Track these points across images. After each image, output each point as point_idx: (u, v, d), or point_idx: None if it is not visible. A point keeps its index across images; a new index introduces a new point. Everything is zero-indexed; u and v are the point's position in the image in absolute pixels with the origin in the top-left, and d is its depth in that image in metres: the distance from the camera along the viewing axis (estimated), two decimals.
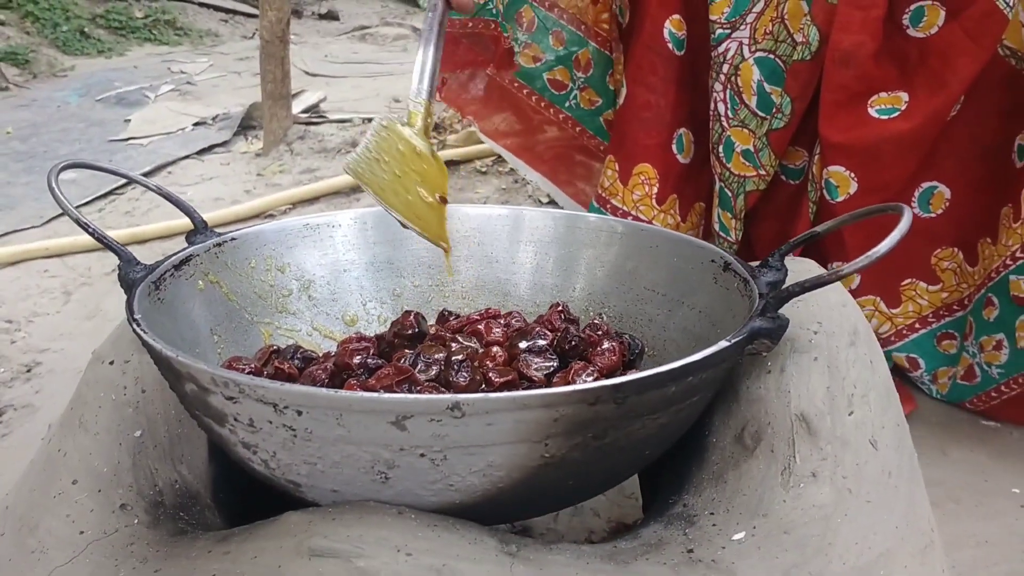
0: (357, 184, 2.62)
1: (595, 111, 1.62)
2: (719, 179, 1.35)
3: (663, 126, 1.41)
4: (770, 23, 1.25)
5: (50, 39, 4.92)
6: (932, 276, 1.32)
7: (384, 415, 0.54)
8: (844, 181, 1.23)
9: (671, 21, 1.36)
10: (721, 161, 1.34)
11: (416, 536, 0.57)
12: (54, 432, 0.78)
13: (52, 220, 2.45)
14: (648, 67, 1.39)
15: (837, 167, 1.23)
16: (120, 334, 0.81)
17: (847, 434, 0.69)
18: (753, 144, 1.30)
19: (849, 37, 1.17)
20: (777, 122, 1.27)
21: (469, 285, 0.96)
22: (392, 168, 0.81)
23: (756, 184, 1.32)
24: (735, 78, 1.29)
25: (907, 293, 1.33)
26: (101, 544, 0.67)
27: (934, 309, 1.33)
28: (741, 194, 1.33)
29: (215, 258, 0.84)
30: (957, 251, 1.30)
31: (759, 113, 1.29)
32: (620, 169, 1.44)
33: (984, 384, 1.29)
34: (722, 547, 0.63)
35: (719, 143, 1.33)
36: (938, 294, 1.32)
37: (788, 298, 0.66)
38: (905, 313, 1.34)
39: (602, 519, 1.12)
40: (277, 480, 0.63)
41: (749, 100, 1.29)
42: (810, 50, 1.21)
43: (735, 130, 1.31)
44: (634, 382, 0.57)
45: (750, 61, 1.28)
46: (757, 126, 1.29)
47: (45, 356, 1.68)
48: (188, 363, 0.59)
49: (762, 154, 1.29)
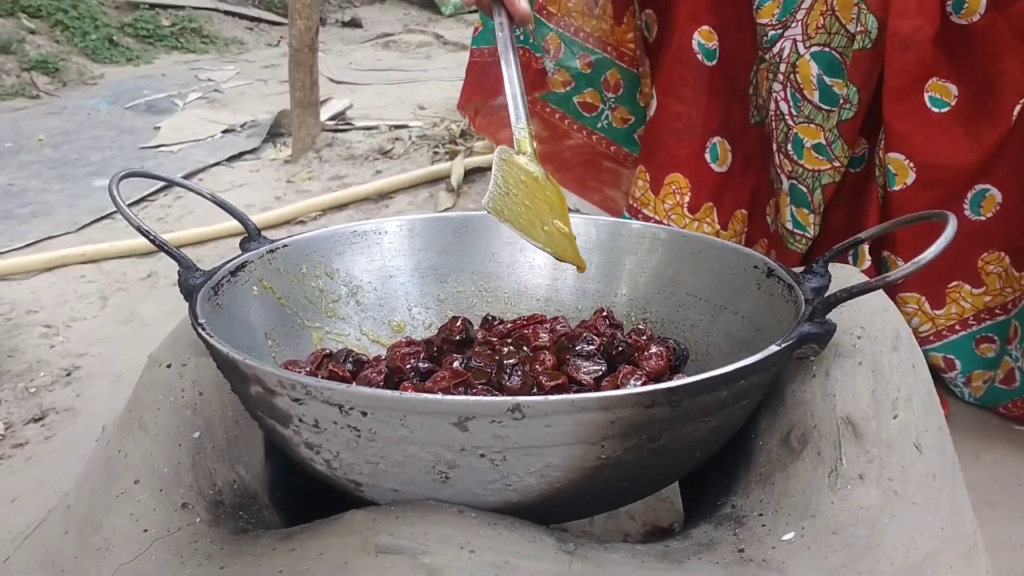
0: (386, 192, 2.63)
1: (629, 128, 1.64)
2: (789, 177, 1.35)
3: (695, 136, 1.43)
4: (821, 17, 1.26)
5: (80, 47, 4.98)
6: (977, 279, 1.32)
7: (447, 416, 0.56)
8: (902, 169, 1.24)
9: (700, 32, 1.37)
10: (792, 159, 1.34)
11: (478, 534, 0.58)
12: (112, 434, 0.80)
13: (86, 226, 2.48)
14: (678, 79, 1.40)
15: (897, 154, 1.24)
16: (177, 337, 0.83)
17: (892, 437, 0.70)
18: (824, 137, 1.31)
19: (907, 22, 1.18)
20: (846, 112, 1.28)
21: (512, 291, 0.98)
22: (522, 199, 0.83)
23: (832, 176, 1.33)
24: (794, 76, 1.30)
25: (952, 295, 1.33)
26: (165, 542, 0.69)
27: (975, 312, 1.33)
28: (817, 188, 1.34)
29: (268, 264, 0.86)
30: (1004, 256, 1.30)
31: (823, 107, 1.29)
32: (651, 179, 1.45)
33: (1021, 390, 1.29)
34: (772, 547, 0.64)
35: (786, 142, 1.34)
36: (981, 297, 1.32)
37: (836, 303, 0.67)
38: (948, 315, 1.34)
39: (637, 522, 1.13)
40: (338, 480, 0.64)
41: (811, 95, 1.30)
42: (870, 38, 1.22)
43: (801, 127, 1.32)
44: (689, 386, 0.58)
45: (806, 57, 1.28)
46: (824, 119, 1.30)
47: (84, 360, 1.71)
48: (256, 366, 0.61)
49: (835, 146, 1.30)
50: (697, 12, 1.37)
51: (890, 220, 1.29)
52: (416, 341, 0.84)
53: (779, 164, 1.36)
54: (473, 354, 0.76)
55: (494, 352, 0.76)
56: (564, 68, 1.61)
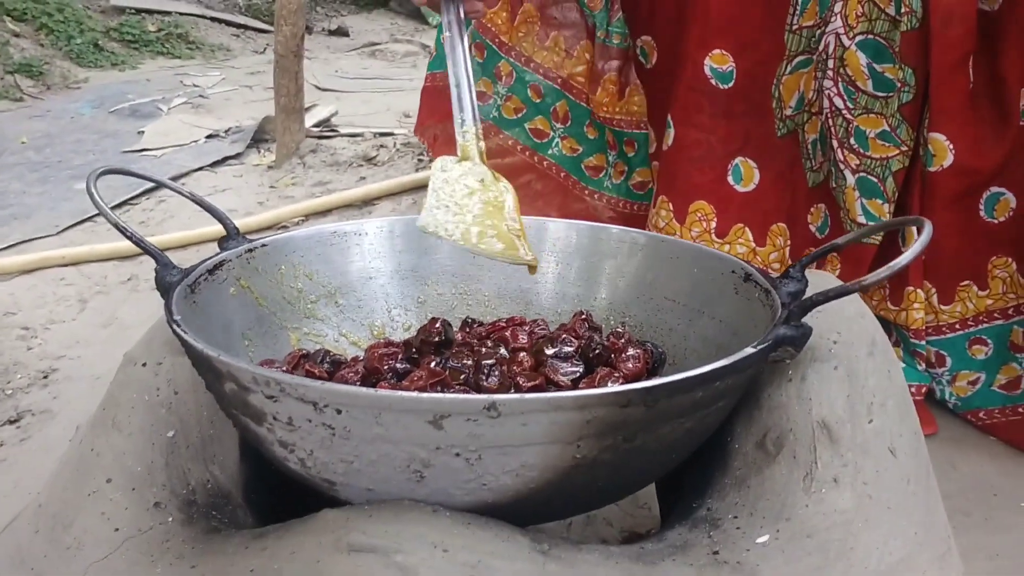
0: (370, 198, 2.62)
1: (577, 158, 1.67)
2: (856, 171, 1.34)
3: (715, 161, 1.42)
4: (859, 5, 1.26)
5: (64, 51, 4.96)
6: (984, 281, 1.33)
7: (422, 414, 0.56)
8: (942, 150, 1.25)
9: (711, 57, 1.37)
10: (858, 152, 1.34)
11: (452, 533, 0.58)
12: (85, 432, 0.80)
13: (67, 229, 2.47)
14: (694, 107, 1.40)
15: (939, 135, 1.24)
16: (152, 336, 0.83)
17: (867, 441, 0.70)
18: (888, 124, 1.30)
19: None
20: (906, 95, 1.28)
21: (492, 294, 0.98)
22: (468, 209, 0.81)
23: (901, 162, 1.32)
24: (843, 69, 1.30)
25: (961, 295, 1.34)
26: (136, 541, 0.68)
27: (976, 314, 1.34)
28: (888, 176, 1.33)
29: (247, 263, 0.85)
30: (1011, 261, 1.31)
31: (879, 94, 1.29)
32: (675, 208, 1.45)
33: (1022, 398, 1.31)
34: (747, 549, 0.64)
35: (848, 136, 1.33)
36: (984, 300, 1.33)
37: (812, 307, 0.68)
38: (952, 312, 1.35)
39: (614, 528, 1.13)
40: (312, 479, 0.64)
41: (864, 85, 1.30)
42: (916, 18, 1.23)
43: (861, 118, 1.32)
44: (664, 386, 0.58)
45: (852, 48, 1.28)
46: (883, 107, 1.30)
47: (61, 363, 1.70)
48: (229, 362, 0.60)
49: (900, 130, 1.30)
50: (706, 37, 1.37)
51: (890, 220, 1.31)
52: (394, 342, 0.84)
53: (843, 160, 1.35)
54: (451, 355, 0.76)
55: (472, 353, 0.76)
56: (515, 95, 1.63)
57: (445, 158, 0.85)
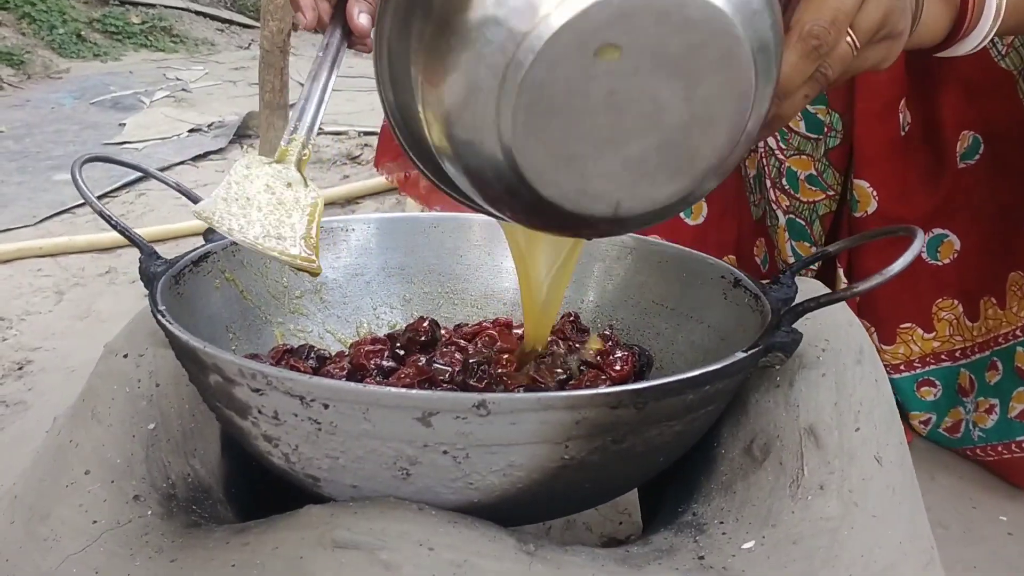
0: (353, 196, 2.60)
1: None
2: (787, 212, 1.34)
3: None
4: None
5: (46, 41, 4.92)
6: (929, 324, 1.32)
7: (410, 411, 0.55)
8: (865, 196, 1.24)
9: None
10: (789, 193, 1.33)
11: (437, 532, 0.57)
12: (64, 423, 0.78)
13: (45, 220, 2.44)
14: None
15: (862, 181, 1.23)
16: (135, 327, 0.81)
17: (854, 449, 0.70)
18: (815, 168, 1.30)
19: None
20: (832, 140, 1.27)
21: (479, 294, 0.98)
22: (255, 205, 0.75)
23: (828, 206, 1.32)
24: None
25: (903, 336, 1.33)
26: (115, 533, 0.67)
27: (922, 356, 1.33)
28: (815, 220, 1.33)
29: (232, 256, 0.84)
30: (957, 303, 1.30)
31: (811, 135, 1.29)
32: None
33: (963, 441, 1.30)
34: (732, 555, 0.64)
35: (780, 176, 1.33)
36: (930, 342, 1.32)
37: (803, 313, 0.68)
38: (895, 353, 1.34)
39: (594, 534, 1.13)
40: (296, 474, 0.63)
41: (797, 126, 1.29)
42: None
43: (793, 159, 1.31)
44: (655, 388, 0.58)
45: None
46: (813, 149, 1.29)
47: (37, 355, 1.68)
48: (215, 354, 0.60)
49: (826, 175, 1.29)
50: None
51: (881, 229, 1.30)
52: (380, 338, 0.83)
53: (775, 200, 1.35)
54: (438, 354, 0.75)
55: (461, 351, 0.76)
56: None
57: (253, 156, 0.81)
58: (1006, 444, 1.23)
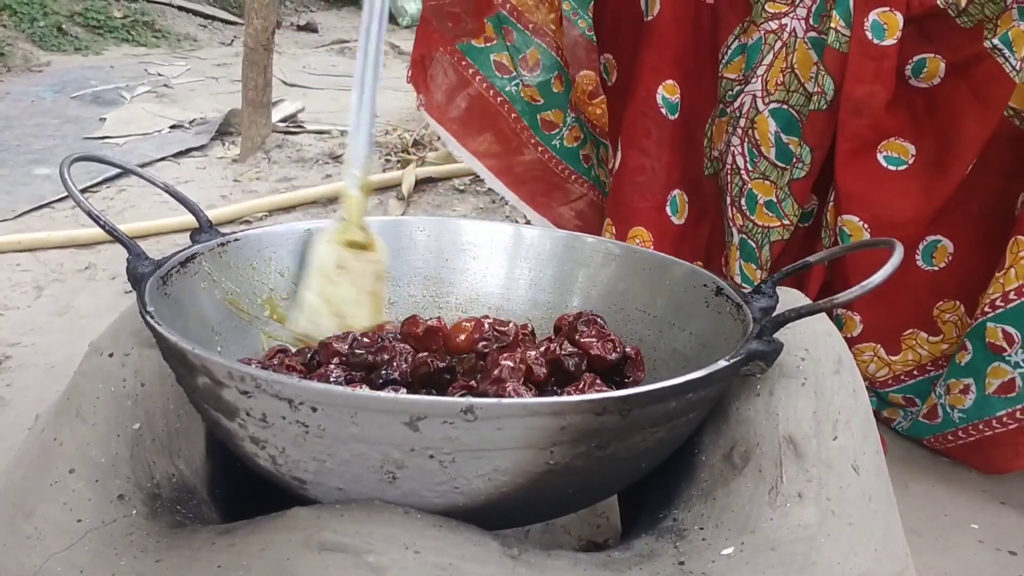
0: (335, 196, 2.61)
1: (577, 147, 1.65)
2: (740, 231, 1.37)
3: (658, 188, 1.43)
4: (781, 74, 1.28)
5: (27, 34, 4.87)
6: (933, 327, 1.34)
7: (398, 415, 0.56)
8: (857, 230, 1.26)
9: (664, 87, 1.39)
10: (744, 213, 1.36)
11: (423, 535, 0.58)
12: (48, 421, 0.78)
13: (24, 214, 2.42)
14: (642, 131, 1.41)
15: (851, 216, 1.25)
16: (120, 326, 0.81)
17: (831, 458, 0.71)
18: (776, 195, 1.32)
19: (862, 87, 1.19)
20: (798, 171, 1.29)
21: (464, 298, 0.98)
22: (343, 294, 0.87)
23: (781, 234, 1.34)
24: (752, 131, 1.31)
25: (907, 342, 1.35)
26: (99, 533, 0.67)
27: (933, 359, 1.35)
28: (766, 244, 1.35)
29: (218, 257, 0.85)
30: (959, 304, 1.32)
31: (779, 164, 1.31)
32: (616, 232, 1.46)
33: (944, 426, 1.31)
34: (712, 561, 0.65)
35: (740, 196, 1.35)
36: (938, 345, 1.34)
37: (784, 323, 0.69)
38: (904, 361, 1.36)
39: (572, 537, 1.13)
40: (282, 477, 0.64)
41: (768, 152, 1.31)
42: (826, 99, 1.23)
43: (756, 182, 1.33)
44: (639, 395, 0.59)
45: (765, 113, 1.30)
46: (778, 177, 1.31)
47: (15, 350, 1.66)
48: (205, 356, 0.60)
49: (785, 204, 1.31)
50: (660, 66, 1.38)
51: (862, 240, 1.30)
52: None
53: (731, 217, 1.38)
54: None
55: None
56: (536, 87, 1.62)
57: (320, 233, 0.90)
58: (987, 421, 1.25)
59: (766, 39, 1.29)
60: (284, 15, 7.08)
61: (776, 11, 1.28)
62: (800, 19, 1.26)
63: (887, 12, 1.18)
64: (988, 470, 1.30)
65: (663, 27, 1.37)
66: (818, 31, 1.25)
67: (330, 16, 7.67)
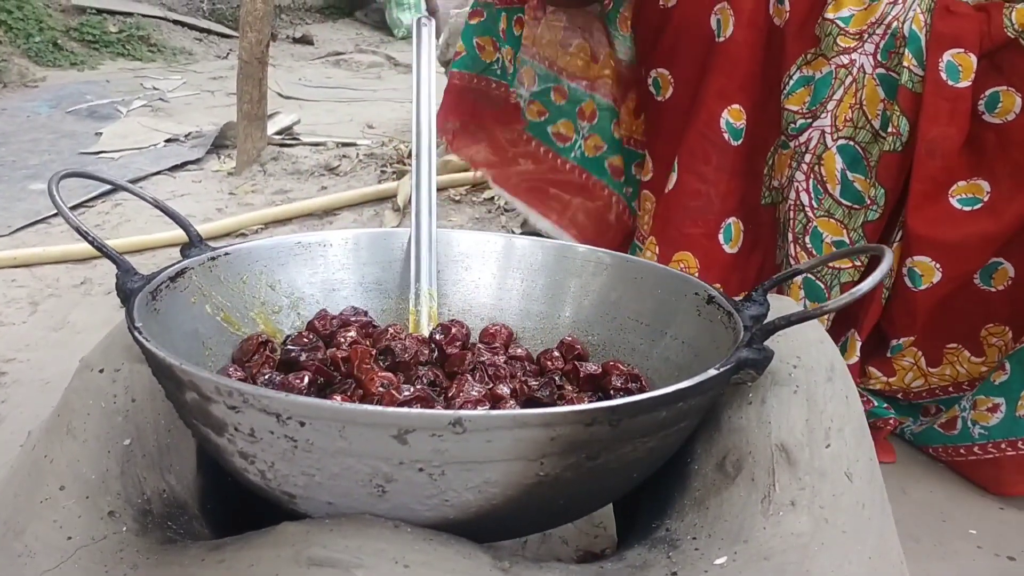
0: (330, 208, 2.62)
1: (600, 156, 1.62)
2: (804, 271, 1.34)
3: (711, 216, 1.40)
4: (850, 110, 1.26)
5: (22, 49, 4.89)
6: (978, 348, 1.32)
7: (386, 428, 0.56)
8: (929, 271, 1.24)
9: (729, 111, 1.36)
10: (810, 252, 1.33)
11: (413, 549, 0.58)
12: (39, 438, 0.78)
13: (19, 230, 2.42)
14: (701, 156, 1.38)
15: (923, 257, 1.23)
16: (111, 342, 0.81)
17: (824, 466, 0.71)
18: (847, 236, 1.30)
19: (936, 128, 1.18)
20: (872, 214, 1.27)
21: (457, 309, 0.98)
22: None
23: (851, 275, 1.31)
24: (818, 167, 1.29)
25: (949, 357, 1.33)
26: (90, 550, 0.67)
27: (970, 379, 1.33)
28: (836, 285, 1.33)
29: (209, 272, 0.85)
30: (1007, 329, 1.30)
31: (843, 202, 1.29)
32: (660, 252, 1.43)
33: (959, 439, 1.30)
34: (705, 571, 0.65)
35: (804, 233, 1.32)
36: (979, 366, 1.32)
37: (774, 331, 0.69)
38: (941, 375, 1.34)
39: (570, 547, 1.13)
40: (272, 491, 0.63)
41: (833, 189, 1.29)
42: (901, 141, 1.22)
43: (821, 220, 1.31)
44: (629, 405, 0.59)
45: (833, 150, 1.27)
46: (844, 215, 1.29)
47: (11, 366, 1.66)
48: (192, 371, 0.60)
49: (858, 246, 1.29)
50: (728, 91, 1.35)
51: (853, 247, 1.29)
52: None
53: (794, 255, 1.34)
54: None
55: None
56: (538, 100, 1.61)
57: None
58: (1011, 441, 1.24)
59: (836, 73, 1.27)
60: (280, 28, 7.10)
61: (846, 45, 1.25)
62: (868, 55, 1.24)
63: (961, 54, 1.17)
64: (996, 490, 1.29)
65: (734, 50, 1.34)
66: (887, 68, 1.23)
67: (326, 28, 7.69)
